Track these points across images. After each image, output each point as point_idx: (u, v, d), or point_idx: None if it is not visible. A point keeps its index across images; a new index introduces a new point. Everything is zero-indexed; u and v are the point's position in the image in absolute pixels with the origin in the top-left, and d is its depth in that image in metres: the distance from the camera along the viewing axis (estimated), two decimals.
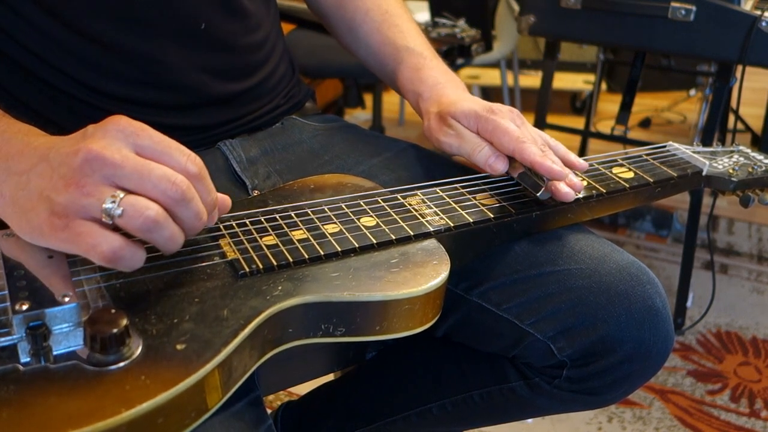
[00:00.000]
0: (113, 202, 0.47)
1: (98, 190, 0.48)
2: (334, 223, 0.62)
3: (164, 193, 0.49)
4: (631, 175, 0.74)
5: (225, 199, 0.58)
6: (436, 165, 0.81)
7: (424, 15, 2.35)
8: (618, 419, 1.42)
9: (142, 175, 0.49)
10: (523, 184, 0.69)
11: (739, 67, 1.45)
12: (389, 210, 0.65)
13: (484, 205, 0.67)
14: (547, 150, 0.68)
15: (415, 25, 0.87)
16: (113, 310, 0.48)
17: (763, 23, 1.37)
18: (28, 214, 0.50)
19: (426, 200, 0.67)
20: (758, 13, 1.39)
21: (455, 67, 1.97)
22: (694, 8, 1.42)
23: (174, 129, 0.74)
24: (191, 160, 0.52)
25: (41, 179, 0.49)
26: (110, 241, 0.48)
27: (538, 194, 0.67)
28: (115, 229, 0.49)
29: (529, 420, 1.40)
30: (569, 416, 1.41)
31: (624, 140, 1.82)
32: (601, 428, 1.40)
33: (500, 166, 0.69)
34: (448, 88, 0.77)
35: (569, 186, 0.67)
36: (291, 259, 0.57)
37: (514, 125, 0.70)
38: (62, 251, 0.51)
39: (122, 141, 0.50)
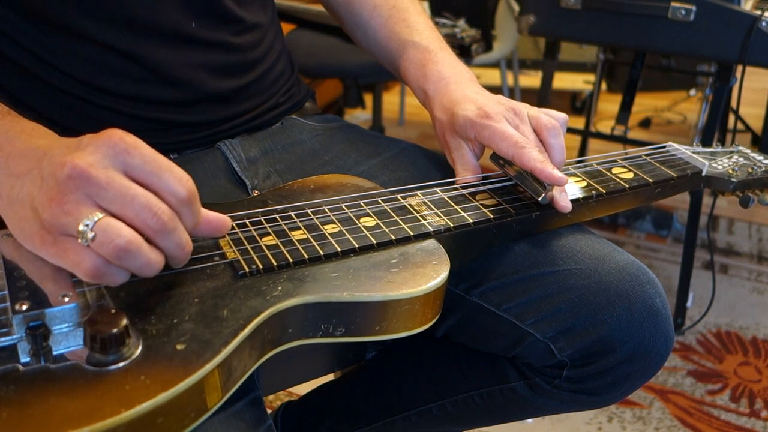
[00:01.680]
0: (87, 225, 0.46)
1: (77, 209, 0.47)
2: (334, 223, 0.62)
3: (144, 223, 0.48)
4: (630, 175, 0.74)
5: (224, 221, 0.55)
6: (436, 165, 0.81)
7: None
8: (618, 419, 1.42)
9: (125, 201, 0.47)
10: (522, 186, 0.69)
11: (739, 67, 1.45)
12: (389, 210, 0.65)
13: (484, 205, 0.67)
14: (557, 157, 0.68)
15: (425, 18, 0.85)
16: (113, 310, 0.48)
17: (763, 23, 1.37)
18: (21, 223, 0.50)
19: (426, 201, 0.67)
20: (758, 13, 1.39)
21: None
22: (694, 8, 1.42)
23: (175, 125, 0.75)
24: (182, 183, 0.50)
25: (32, 187, 0.49)
26: (93, 259, 0.47)
27: (539, 199, 0.67)
28: None
29: (529, 420, 1.40)
30: (569, 416, 1.41)
31: (624, 140, 1.82)
32: (601, 428, 1.40)
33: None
34: (452, 84, 0.76)
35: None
36: (291, 260, 0.57)
37: (512, 128, 0.69)
38: (52, 263, 0.50)
39: (111, 159, 0.48)
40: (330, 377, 0.94)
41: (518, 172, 0.69)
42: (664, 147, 0.81)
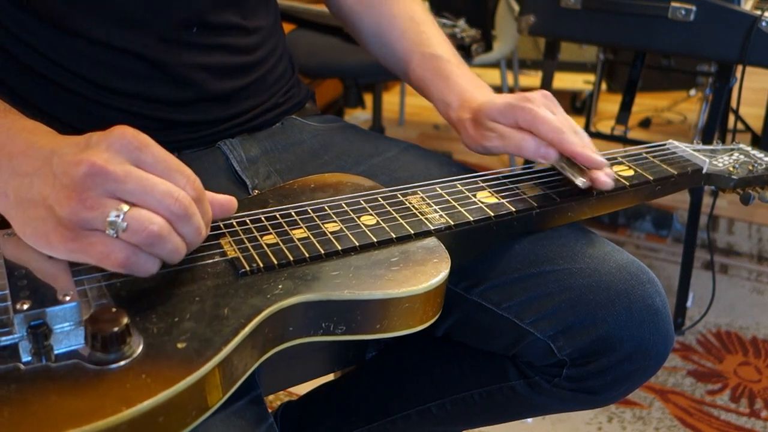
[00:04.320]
0: (117, 215, 0.47)
1: (101, 203, 0.48)
2: (335, 221, 0.62)
3: (168, 209, 0.49)
4: (631, 173, 0.74)
5: (231, 201, 0.57)
6: (436, 165, 0.81)
7: None
8: (618, 419, 1.42)
9: (145, 190, 0.48)
10: (563, 173, 0.70)
11: (739, 67, 1.45)
12: (389, 208, 0.65)
13: (484, 203, 0.67)
14: (585, 138, 0.69)
15: (440, 32, 0.87)
16: (114, 309, 0.48)
17: (763, 23, 1.37)
18: (34, 222, 0.49)
19: (426, 198, 0.67)
20: (758, 13, 1.39)
21: None
22: (694, 8, 1.42)
23: (175, 124, 0.75)
24: (191, 182, 0.51)
25: (44, 186, 0.49)
26: (124, 248, 0.48)
27: (578, 182, 0.68)
28: None
29: (529, 420, 1.40)
30: (569, 416, 1.41)
31: (624, 140, 1.82)
32: (601, 428, 1.40)
33: (551, 155, 0.69)
34: (475, 94, 0.78)
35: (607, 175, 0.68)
36: (291, 258, 0.57)
37: (551, 113, 0.70)
38: (68, 260, 0.51)
39: (125, 155, 0.49)
40: (330, 377, 0.94)
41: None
42: (665, 145, 0.81)
